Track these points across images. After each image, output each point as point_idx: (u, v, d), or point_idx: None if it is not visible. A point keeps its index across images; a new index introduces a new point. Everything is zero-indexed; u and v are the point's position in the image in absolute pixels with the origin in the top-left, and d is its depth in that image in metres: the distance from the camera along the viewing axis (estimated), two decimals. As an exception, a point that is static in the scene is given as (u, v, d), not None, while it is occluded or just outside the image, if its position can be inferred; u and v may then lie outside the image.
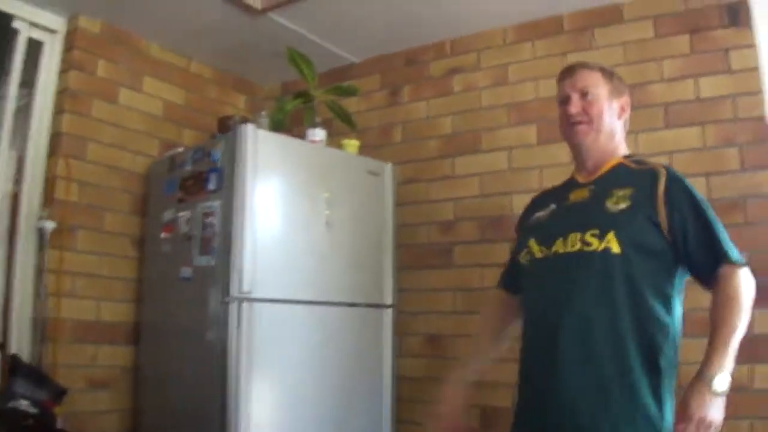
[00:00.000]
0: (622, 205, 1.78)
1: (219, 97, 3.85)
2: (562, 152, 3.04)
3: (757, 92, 2.75)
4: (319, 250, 2.82)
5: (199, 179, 2.82)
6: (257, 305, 2.59)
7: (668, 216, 1.73)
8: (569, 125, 1.90)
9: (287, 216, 2.77)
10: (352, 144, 3.25)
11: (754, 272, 1.73)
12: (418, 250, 3.36)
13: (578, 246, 1.77)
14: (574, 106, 1.88)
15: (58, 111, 3.09)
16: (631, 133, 2.94)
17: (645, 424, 1.66)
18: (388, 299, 3.13)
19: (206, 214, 2.73)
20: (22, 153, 3.06)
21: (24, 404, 2.42)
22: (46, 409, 2.52)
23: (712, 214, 1.75)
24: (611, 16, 3.07)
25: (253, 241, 2.60)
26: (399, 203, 3.30)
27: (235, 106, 3.93)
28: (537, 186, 2.83)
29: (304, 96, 3.35)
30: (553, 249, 1.82)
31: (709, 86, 2.82)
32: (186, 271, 2.80)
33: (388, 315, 3.11)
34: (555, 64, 3.14)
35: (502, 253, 2.88)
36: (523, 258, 1.93)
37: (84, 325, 3.03)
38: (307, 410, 2.75)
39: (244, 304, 2.56)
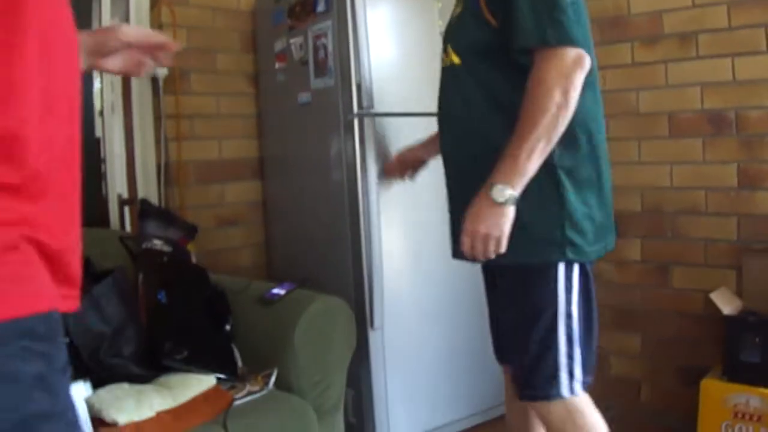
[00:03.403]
0: (458, 10, 1.70)
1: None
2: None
3: None
4: (435, 62, 2.73)
5: (308, 3, 2.76)
6: (379, 120, 2.58)
7: (486, 4, 1.57)
8: None
9: (400, 29, 2.70)
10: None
11: None
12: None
13: (443, 63, 1.78)
14: None
15: (154, -38, 3.04)
16: None
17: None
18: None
19: (318, 36, 2.70)
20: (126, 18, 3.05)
21: (158, 244, 2.47)
22: (179, 246, 2.59)
23: None
24: None
25: (369, 57, 2.56)
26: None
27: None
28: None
29: None
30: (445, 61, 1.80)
31: None
32: (304, 96, 2.80)
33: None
34: None
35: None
36: None
37: (207, 165, 3.10)
38: (432, 229, 2.76)
39: (366, 120, 2.55)
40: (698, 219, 2.76)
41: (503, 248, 1.51)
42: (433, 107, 2.71)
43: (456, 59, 1.64)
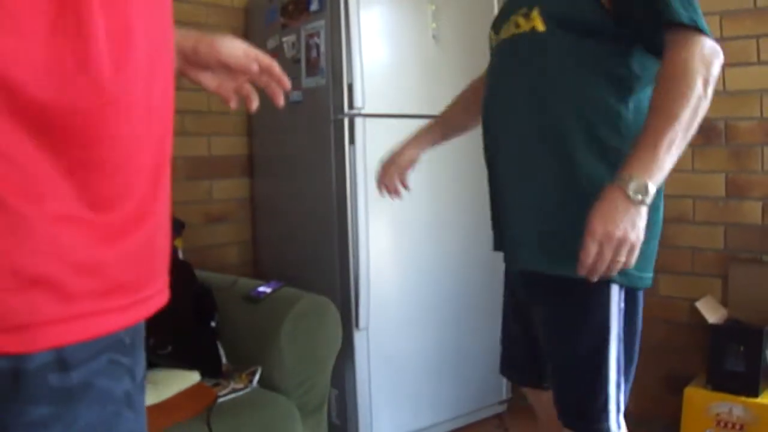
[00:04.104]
0: None
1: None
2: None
3: None
4: (427, 64, 2.75)
5: (301, 2, 2.75)
6: (369, 121, 2.57)
7: None
8: None
9: (393, 31, 2.69)
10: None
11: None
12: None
13: (512, 30, 1.52)
14: None
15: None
16: None
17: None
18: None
19: (311, 35, 2.69)
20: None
21: (143, 238, 2.45)
22: (166, 242, 2.56)
23: None
24: None
25: (361, 58, 2.55)
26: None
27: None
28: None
29: None
30: (500, 36, 1.59)
31: None
32: (296, 95, 2.78)
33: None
34: None
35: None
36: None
37: (196, 161, 3.08)
38: (422, 227, 2.77)
39: (357, 120, 2.54)
40: (686, 228, 2.77)
41: (635, 259, 1.27)
42: (424, 110, 2.74)
43: (540, 25, 1.43)
